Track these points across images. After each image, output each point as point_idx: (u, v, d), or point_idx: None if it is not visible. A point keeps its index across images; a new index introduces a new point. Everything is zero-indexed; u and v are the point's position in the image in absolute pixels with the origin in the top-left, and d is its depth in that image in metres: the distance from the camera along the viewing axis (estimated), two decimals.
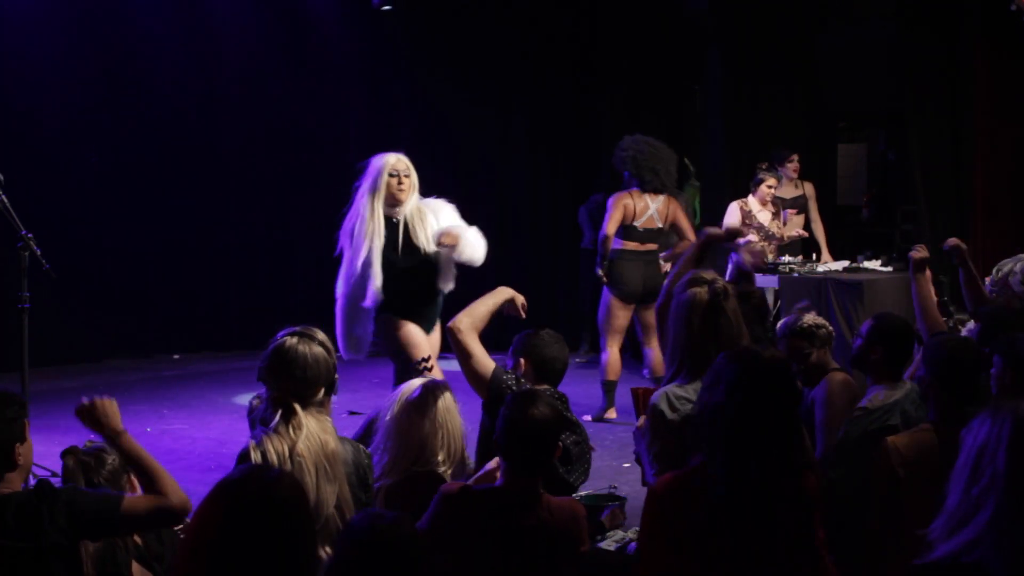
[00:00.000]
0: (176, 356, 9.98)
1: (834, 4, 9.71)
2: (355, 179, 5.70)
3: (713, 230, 4.64)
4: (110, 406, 2.91)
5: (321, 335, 3.40)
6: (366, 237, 5.46)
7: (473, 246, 5.57)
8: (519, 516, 2.99)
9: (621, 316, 7.27)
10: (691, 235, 7.21)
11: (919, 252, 4.67)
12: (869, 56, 9.59)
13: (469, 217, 5.81)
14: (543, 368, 3.99)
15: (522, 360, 4.02)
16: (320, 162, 10.43)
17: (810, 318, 4.47)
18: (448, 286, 5.69)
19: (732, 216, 8.53)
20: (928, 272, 4.67)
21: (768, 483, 2.59)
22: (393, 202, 5.55)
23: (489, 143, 10.55)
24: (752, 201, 8.53)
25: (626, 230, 7.20)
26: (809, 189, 9.05)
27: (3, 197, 5.36)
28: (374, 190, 5.53)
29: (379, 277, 5.45)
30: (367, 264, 5.44)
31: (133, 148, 9.57)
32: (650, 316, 6.82)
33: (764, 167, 8.61)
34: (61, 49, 9.04)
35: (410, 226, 5.58)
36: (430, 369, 4.86)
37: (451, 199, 5.87)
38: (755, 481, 2.58)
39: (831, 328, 4.60)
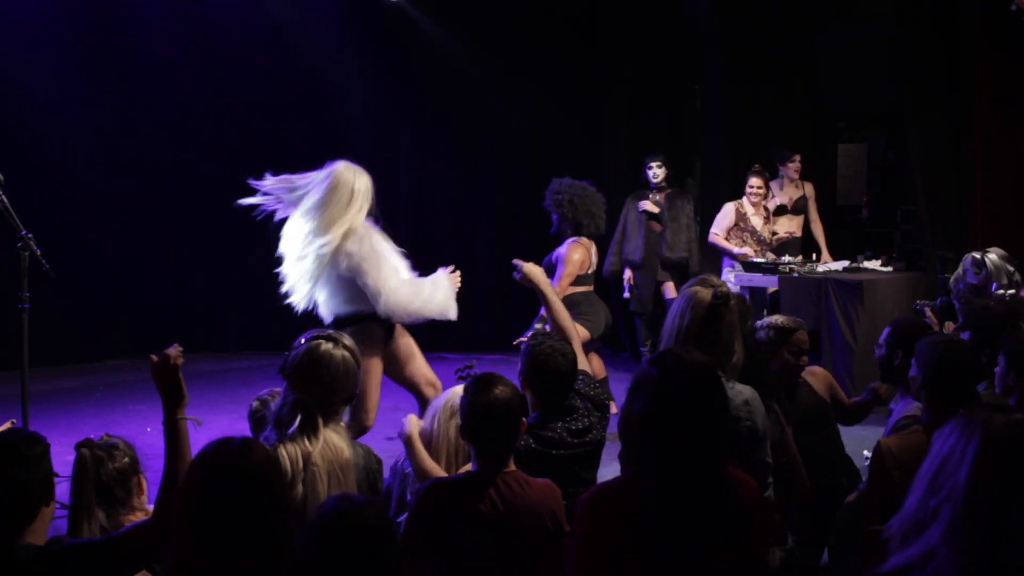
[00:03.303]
0: None
1: (834, 4, 9.71)
2: None
3: None
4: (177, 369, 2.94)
5: (349, 341, 3.32)
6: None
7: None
8: (499, 497, 2.97)
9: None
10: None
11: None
12: (869, 56, 9.59)
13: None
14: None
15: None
16: (320, 161, 10.42)
17: None
18: None
19: (727, 217, 8.54)
20: None
21: (701, 496, 2.39)
22: None
23: (490, 144, 10.55)
24: (746, 203, 8.54)
25: (580, 279, 7.11)
26: (809, 189, 9.06)
27: (3, 197, 5.36)
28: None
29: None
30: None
31: (133, 148, 9.58)
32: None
33: (757, 168, 8.61)
34: (62, 50, 9.04)
35: None
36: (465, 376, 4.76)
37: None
38: (688, 495, 2.38)
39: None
